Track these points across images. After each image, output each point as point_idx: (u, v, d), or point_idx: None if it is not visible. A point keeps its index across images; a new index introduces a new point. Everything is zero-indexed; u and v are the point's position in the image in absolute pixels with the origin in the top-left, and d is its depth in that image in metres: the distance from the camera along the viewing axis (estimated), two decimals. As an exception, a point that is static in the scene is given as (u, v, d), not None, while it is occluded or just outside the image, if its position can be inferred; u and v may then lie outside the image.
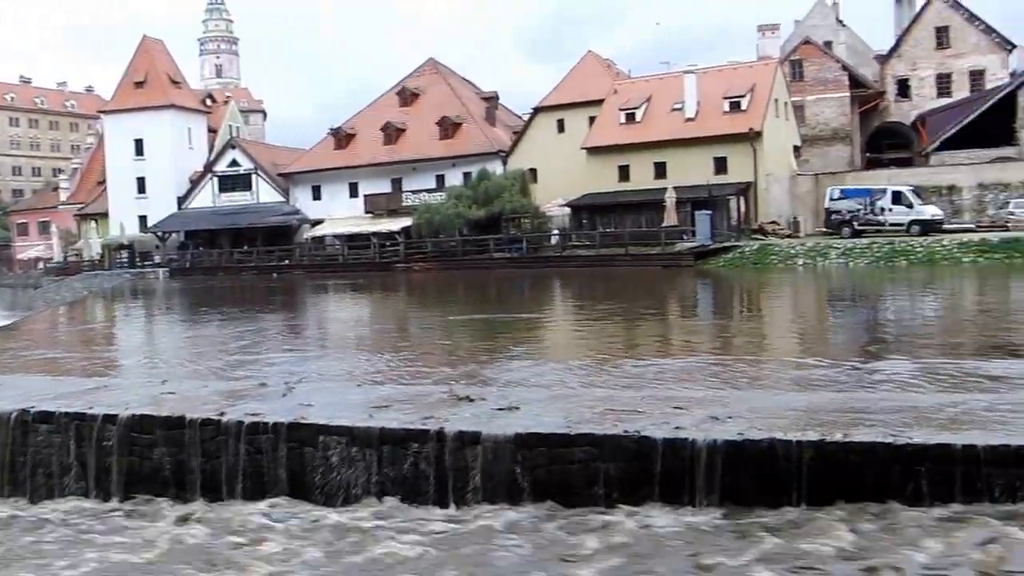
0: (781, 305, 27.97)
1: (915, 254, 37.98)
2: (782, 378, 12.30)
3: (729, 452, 8.10)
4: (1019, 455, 7.53)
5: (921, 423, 8.42)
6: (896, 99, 67.00)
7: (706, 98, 54.12)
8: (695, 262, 42.75)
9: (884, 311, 24.06)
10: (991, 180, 50.73)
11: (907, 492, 7.69)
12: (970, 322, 19.96)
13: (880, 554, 6.89)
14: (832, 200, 47.07)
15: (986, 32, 65.67)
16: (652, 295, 31.01)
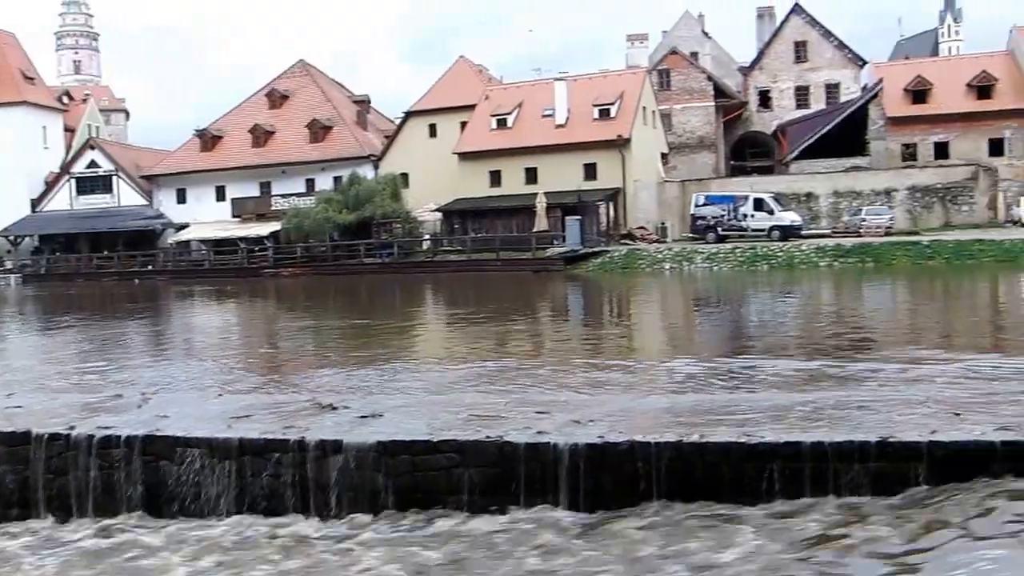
0: (649, 309, 28.53)
1: (776, 258, 39.24)
2: (647, 380, 12.55)
3: (590, 455, 8.21)
4: (864, 451, 7.85)
5: (775, 421, 8.70)
6: (758, 109, 69.10)
7: (576, 105, 54.84)
8: (565, 267, 43.24)
9: (746, 313, 24.80)
10: (845, 188, 52.92)
11: (760, 490, 7.93)
12: (826, 323, 20.70)
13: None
14: (697, 206, 48.28)
15: (840, 48, 68.36)
16: (522, 300, 31.24)
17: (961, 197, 52.95)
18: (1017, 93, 62.05)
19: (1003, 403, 9.25)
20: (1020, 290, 28.56)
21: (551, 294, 33.78)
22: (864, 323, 20.71)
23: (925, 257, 37.56)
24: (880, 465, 7.80)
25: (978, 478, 7.58)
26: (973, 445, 7.79)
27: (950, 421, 8.46)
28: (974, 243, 38.47)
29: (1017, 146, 61.18)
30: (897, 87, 62.71)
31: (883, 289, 30.14)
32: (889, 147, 61.33)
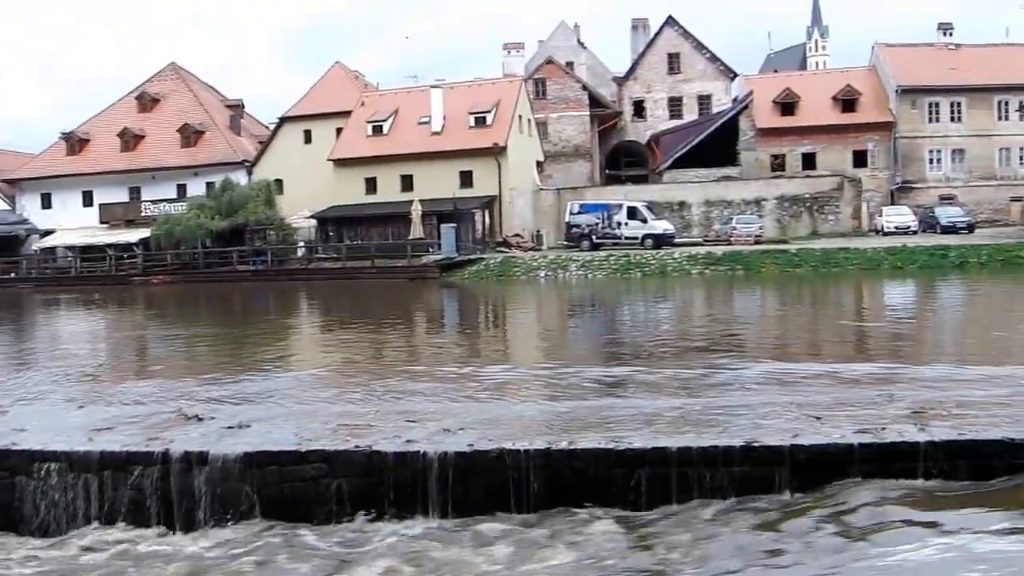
0: (523, 316, 28.67)
1: (649, 266, 39.86)
2: (520, 387, 12.55)
3: (460, 463, 8.19)
4: (728, 455, 8.00)
5: (645, 427, 8.81)
6: (633, 119, 70.21)
7: (452, 113, 54.83)
8: (441, 275, 43.13)
9: (619, 320, 25.11)
10: (716, 197, 54.18)
11: (628, 495, 8.01)
12: (696, 330, 21.10)
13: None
14: (572, 214, 48.75)
15: (712, 60, 70.05)
16: (397, 308, 31.02)
17: (827, 207, 54.71)
18: (879, 107, 64.50)
19: (862, 407, 9.55)
20: (882, 297, 29.61)
21: (426, 302, 33.64)
22: (733, 330, 21.19)
23: (793, 265, 38.64)
24: (745, 469, 7.98)
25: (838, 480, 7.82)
26: (833, 448, 8.02)
27: (812, 425, 8.68)
28: (839, 251, 39.69)
29: (880, 158, 63.57)
30: (767, 99, 64.51)
31: (752, 296, 30.92)
32: (759, 157, 63.06)
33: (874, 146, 63.89)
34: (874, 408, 9.43)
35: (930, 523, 6.84)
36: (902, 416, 8.95)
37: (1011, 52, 67.18)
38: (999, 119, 63.68)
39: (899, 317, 24.18)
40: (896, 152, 63.75)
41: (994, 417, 8.84)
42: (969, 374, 11.91)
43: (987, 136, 63.76)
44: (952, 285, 31.10)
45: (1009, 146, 62.88)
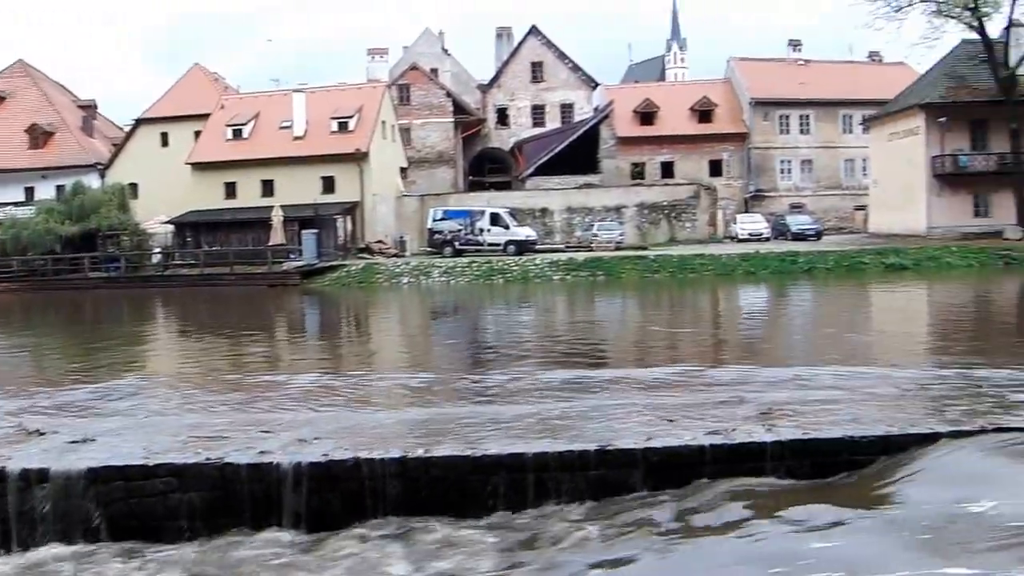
0: (385, 323, 28.48)
1: (511, 272, 40.11)
2: (379, 395, 12.46)
3: (315, 473, 8.05)
4: (584, 459, 8.08)
5: (502, 433, 8.83)
6: (496, 126, 70.61)
7: (315, 118, 54.08)
8: (302, 281, 42.48)
9: (481, 326, 25.19)
10: (578, 204, 54.88)
11: (486, 501, 8.01)
12: (556, 335, 21.32)
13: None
14: (435, 221, 48.65)
15: (574, 70, 71.00)
16: (256, 315, 30.45)
17: (685, 214, 55.94)
18: (734, 118, 66.50)
19: (714, 409, 9.78)
20: (736, 302, 30.47)
21: (286, 309, 33.10)
22: (593, 334, 21.50)
23: (652, 271, 39.41)
24: (600, 472, 8.07)
25: (691, 480, 7.98)
26: (685, 450, 8.19)
27: (665, 428, 8.85)
28: (696, 258, 40.69)
29: (734, 167, 65.55)
30: (627, 109, 65.82)
31: (612, 302, 31.42)
32: (619, 165, 64.26)
33: (729, 156, 65.85)
34: (725, 410, 9.68)
35: (775, 519, 7.05)
36: (751, 417, 9.21)
37: (854, 69, 70.21)
38: (844, 132, 66.50)
39: (751, 321, 24.92)
40: (749, 162, 65.84)
41: (836, 416, 9.18)
42: (815, 375, 12.34)
43: (833, 148, 66.52)
44: (801, 290, 32.25)
45: (853, 158, 65.63)
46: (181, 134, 57.21)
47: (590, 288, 35.82)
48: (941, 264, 39.27)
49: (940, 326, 22.23)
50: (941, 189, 50.54)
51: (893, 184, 53.79)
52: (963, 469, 7.87)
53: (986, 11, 48.13)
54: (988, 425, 8.73)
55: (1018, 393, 10.44)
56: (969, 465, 7.95)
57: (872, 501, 7.40)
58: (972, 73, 51.00)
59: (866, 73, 69.33)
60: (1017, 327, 21.16)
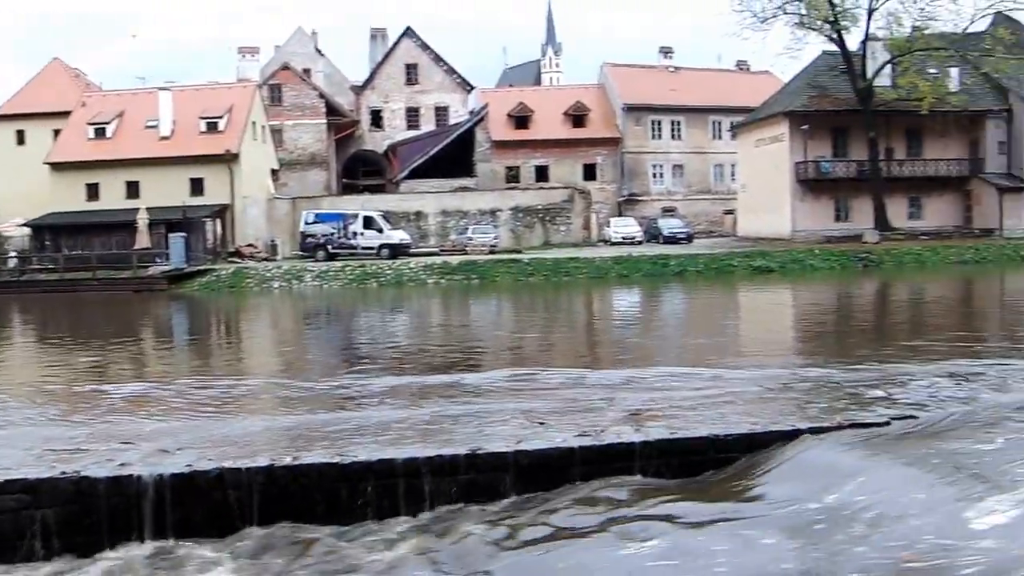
0: (255, 328, 27.94)
1: (385, 276, 39.82)
2: (247, 402, 12.17)
3: (177, 485, 7.76)
4: (454, 464, 8.00)
5: (372, 439, 8.68)
6: (370, 129, 70.10)
7: (182, 117, 52.72)
8: (169, 286, 41.31)
9: (354, 331, 24.90)
10: (453, 208, 54.87)
11: (356, 509, 7.85)
12: (429, 339, 21.23)
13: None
14: (307, 224, 47.95)
15: (449, 73, 70.99)
16: (120, 321, 29.45)
17: (559, 218, 56.45)
18: (607, 123, 67.46)
19: (585, 411, 9.82)
20: (609, 305, 30.85)
21: (152, 315, 32.11)
22: (466, 338, 21.47)
23: (526, 274, 39.64)
24: (471, 477, 8.00)
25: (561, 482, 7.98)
26: (555, 452, 8.18)
27: (536, 431, 8.83)
28: (570, 261, 41.09)
29: (608, 171, 66.46)
30: (502, 113, 66.10)
31: (486, 305, 31.48)
32: (494, 169, 64.48)
33: (602, 160, 66.76)
34: (596, 412, 9.73)
35: (642, 519, 7.11)
36: (621, 418, 9.28)
37: (723, 77, 72.21)
38: (713, 138, 68.18)
39: (624, 324, 25.23)
40: (623, 166, 66.86)
41: (703, 416, 9.33)
42: (684, 375, 12.55)
43: (703, 153, 68.12)
44: (672, 292, 32.87)
45: (722, 163, 67.34)
46: (39, 132, 55.17)
47: (464, 292, 35.82)
48: (805, 266, 40.60)
49: (803, 327, 22.93)
50: (805, 194, 52.26)
51: (760, 189, 55.38)
52: (823, 464, 8.08)
53: (845, 25, 50.15)
54: (845, 421, 9.01)
55: (874, 390, 10.80)
56: (829, 460, 8.17)
57: (736, 497, 7.55)
58: (833, 83, 52.96)
59: (734, 81, 71.32)
60: (875, 327, 21.94)
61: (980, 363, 13.02)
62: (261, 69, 65.64)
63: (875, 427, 8.96)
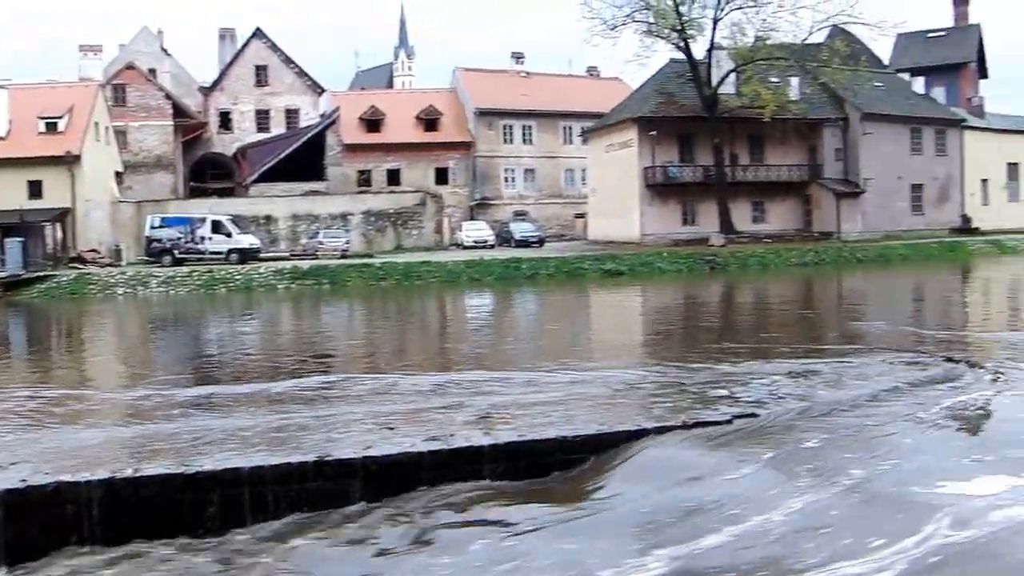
0: (98, 336, 26.95)
1: (234, 281, 38.97)
2: (86, 412, 11.76)
3: (10, 501, 7.43)
4: (302, 472, 7.91)
5: (218, 448, 8.52)
6: (219, 131, 68.44)
7: (20, 117, 50.37)
8: (6, 293, 39.41)
9: (202, 338, 24.32)
10: (304, 211, 54.20)
11: (201, 520, 7.67)
12: (280, 345, 20.91)
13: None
14: (153, 228, 46.45)
15: (300, 75, 69.95)
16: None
17: (411, 222, 56.34)
18: (459, 127, 67.64)
19: (435, 415, 9.85)
20: (461, 309, 30.96)
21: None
22: (315, 344, 21.23)
23: (378, 279, 39.39)
24: (319, 484, 7.92)
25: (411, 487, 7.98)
26: (404, 457, 8.18)
27: (385, 436, 8.81)
28: (422, 265, 41.02)
29: (460, 175, 66.64)
30: (353, 116, 65.55)
31: (337, 310, 31.19)
32: (346, 172, 63.90)
33: (455, 164, 66.91)
34: (446, 416, 9.76)
35: (490, 521, 7.20)
36: (470, 422, 9.34)
37: (574, 83, 73.37)
38: (564, 143, 69.12)
39: (475, 327, 25.36)
40: (475, 170, 67.16)
41: (551, 418, 9.47)
42: (534, 378, 12.70)
43: (555, 158, 69.01)
44: (524, 296, 33.20)
45: (573, 167, 68.35)
46: None
47: (316, 297, 35.40)
48: (654, 269, 41.55)
49: (651, 328, 23.49)
50: (653, 198, 53.45)
51: (610, 193, 56.41)
52: (667, 462, 8.33)
53: (691, 34, 51.50)
54: (690, 420, 9.28)
55: (718, 389, 11.17)
56: (672, 458, 8.42)
57: (583, 497, 7.72)
58: (680, 90, 54.38)
59: (585, 87, 72.51)
60: (720, 328, 22.62)
61: (817, 361, 13.60)
62: (104, 68, 63.32)
63: (718, 425, 9.27)
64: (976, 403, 10.93)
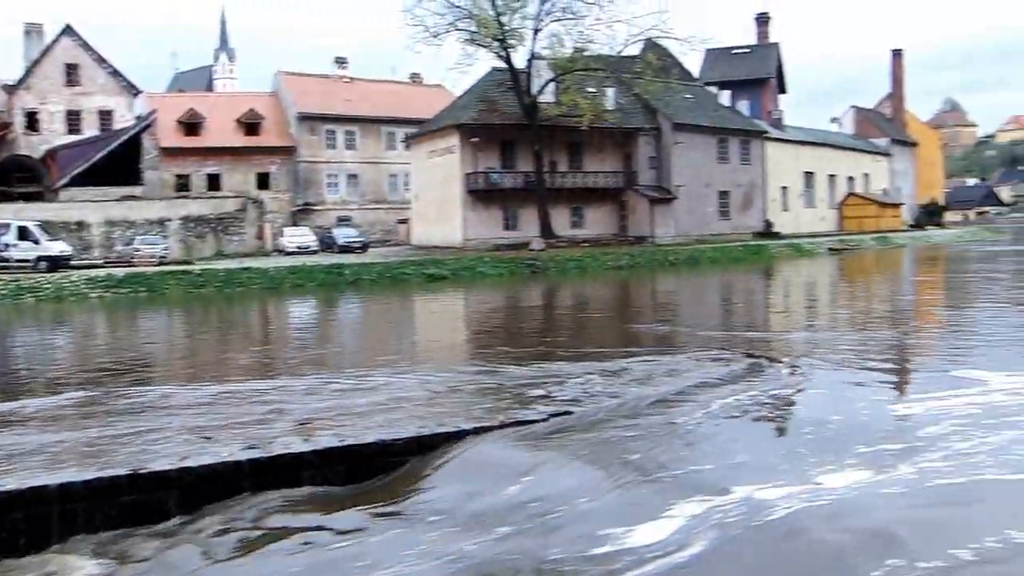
0: None
1: (43, 291, 37.24)
2: None
3: None
4: (115, 486, 7.74)
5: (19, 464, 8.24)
6: (25, 132, 65.36)
7: None
8: None
9: (7, 350, 23.24)
10: (119, 217, 52.39)
11: (4, 541, 7.40)
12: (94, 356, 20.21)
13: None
14: (-47, 235, 44.06)
15: (114, 75, 67.56)
16: None
17: (232, 227, 55.32)
18: (281, 132, 66.80)
19: (253, 423, 9.80)
20: (283, 315, 30.55)
21: None
22: (132, 354, 20.61)
23: (197, 286, 38.42)
24: (133, 498, 7.77)
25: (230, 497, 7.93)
26: (222, 467, 8.11)
27: (202, 446, 8.72)
28: (243, 272, 40.24)
29: (282, 180, 65.79)
30: (171, 118, 63.88)
31: (155, 319, 30.28)
32: (163, 177, 62.15)
33: (277, 169, 66.03)
34: (265, 424, 9.72)
35: (308, 527, 7.24)
36: (290, 429, 9.33)
37: (397, 89, 73.51)
38: (387, 148, 69.25)
39: (298, 333, 25.13)
40: (297, 175, 66.45)
41: (372, 422, 9.58)
42: (356, 382, 12.76)
43: (378, 163, 69.05)
44: (347, 301, 33.07)
45: (396, 173, 68.51)
46: None
47: (132, 306, 34.23)
48: (476, 273, 42.05)
49: (473, 331, 23.81)
50: (475, 204, 54.10)
51: (433, 199, 56.77)
52: (485, 462, 8.55)
53: (512, 43, 52.43)
54: (507, 420, 9.56)
55: (535, 389, 11.50)
56: (491, 458, 8.66)
57: (402, 500, 7.84)
58: (502, 98, 55.26)
59: (408, 93, 72.77)
60: (539, 329, 23.11)
61: (630, 360, 14.14)
62: None
63: (534, 424, 9.58)
64: (776, 395, 11.67)
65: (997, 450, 8.70)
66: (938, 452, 8.70)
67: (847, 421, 10.16)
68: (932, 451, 8.74)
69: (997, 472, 8.10)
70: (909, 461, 8.44)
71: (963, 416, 10.08)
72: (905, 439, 9.28)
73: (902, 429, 9.88)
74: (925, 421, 9.98)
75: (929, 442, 9.06)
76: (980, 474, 8.04)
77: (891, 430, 9.80)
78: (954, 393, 11.42)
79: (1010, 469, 8.17)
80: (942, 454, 8.63)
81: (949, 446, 8.88)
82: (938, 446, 8.90)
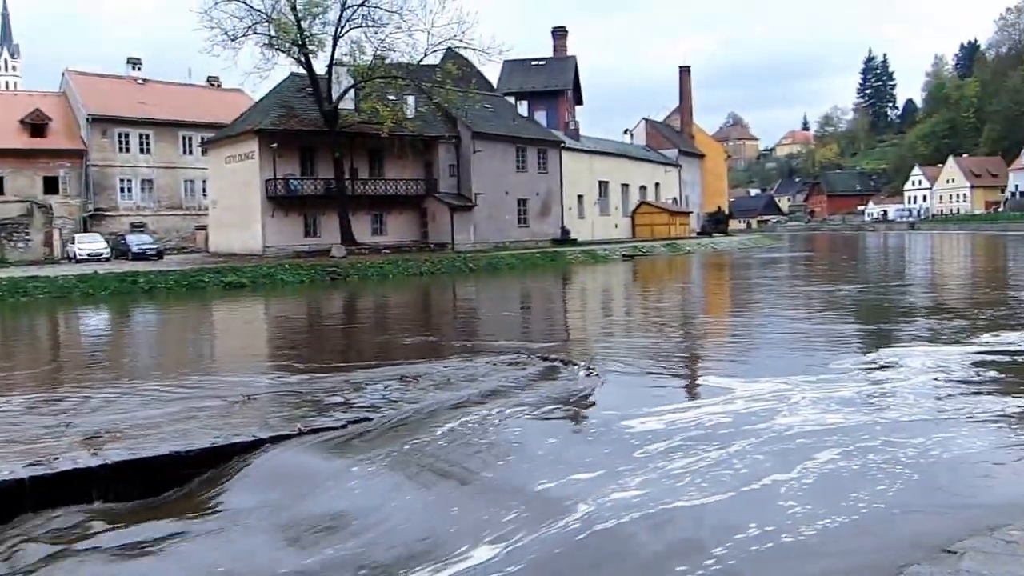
0: None
1: None
2: None
3: None
4: None
5: None
6: None
7: None
8: None
9: None
10: None
11: None
12: None
13: None
14: None
15: None
16: None
17: (17, 234, 52.67)
18: (71, 134, 63.91)
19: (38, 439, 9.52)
20: (73, 326, 29.36)
21: None
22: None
23: (-24, 296, 36.39)
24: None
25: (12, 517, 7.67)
26: (3, 485, 7.83)
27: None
28: (29, 280, 38.33)
29: (72, 185, 62.96)
30: (-56, 118, 60.16)
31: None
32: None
33: (66, 173, 63.14)
34: (50, 439, 9.46)
35: (97, 546, 7.09)
36: (78, 443, 9.11)
37: (194, 92, 71.61)
38: (184, 153, 67.35)
39: (87, 344, 24.24)
40: (89, 180, 63.74)
41: (165, 433, 9.46)
42: (148, 394, 12.53)
43: (174, 168, 67.07)
44: (142, 310, 32.03)
45: (193, 178, 66.77)
46: None
47: None
48: (276, 281, 41.49)
49: (270, 340, 23.56)
50: (276, 211, 53.36)
51: (232, 205, 55.63)
52: (282, 470, 8.62)
53: (312, 49, 51.98)
54: (305, 428, 9.64)
55: (333, 396, 11.62)
56: (288, 466, 8.73)
57: (195, 512, 7.80)
58: (302, 104, 54.75)
59: (206, 97, 71.03)
60: (338, 337, 23.09)
61: (428, 365, 14.43)
62: None
63: (332, 431, 9.70)
64: (571, 394, 12.21)
65: (710, 467, 8.79)
66: (650, 474, 8.61)
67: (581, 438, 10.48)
68: (638, 474, 8.62)
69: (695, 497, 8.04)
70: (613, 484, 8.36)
71: (696, 428, 10.34)
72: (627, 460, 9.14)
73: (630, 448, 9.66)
74: (660, 436, 9.97)
75: (641, 464, 8.98)
76: (674, 500, 7.94)
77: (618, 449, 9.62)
78: (696, 404, 11.94)
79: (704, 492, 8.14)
80: (650, 476, 8.56)
81: (664, 466, 8.83)
82: (651, 467, 8.83)
